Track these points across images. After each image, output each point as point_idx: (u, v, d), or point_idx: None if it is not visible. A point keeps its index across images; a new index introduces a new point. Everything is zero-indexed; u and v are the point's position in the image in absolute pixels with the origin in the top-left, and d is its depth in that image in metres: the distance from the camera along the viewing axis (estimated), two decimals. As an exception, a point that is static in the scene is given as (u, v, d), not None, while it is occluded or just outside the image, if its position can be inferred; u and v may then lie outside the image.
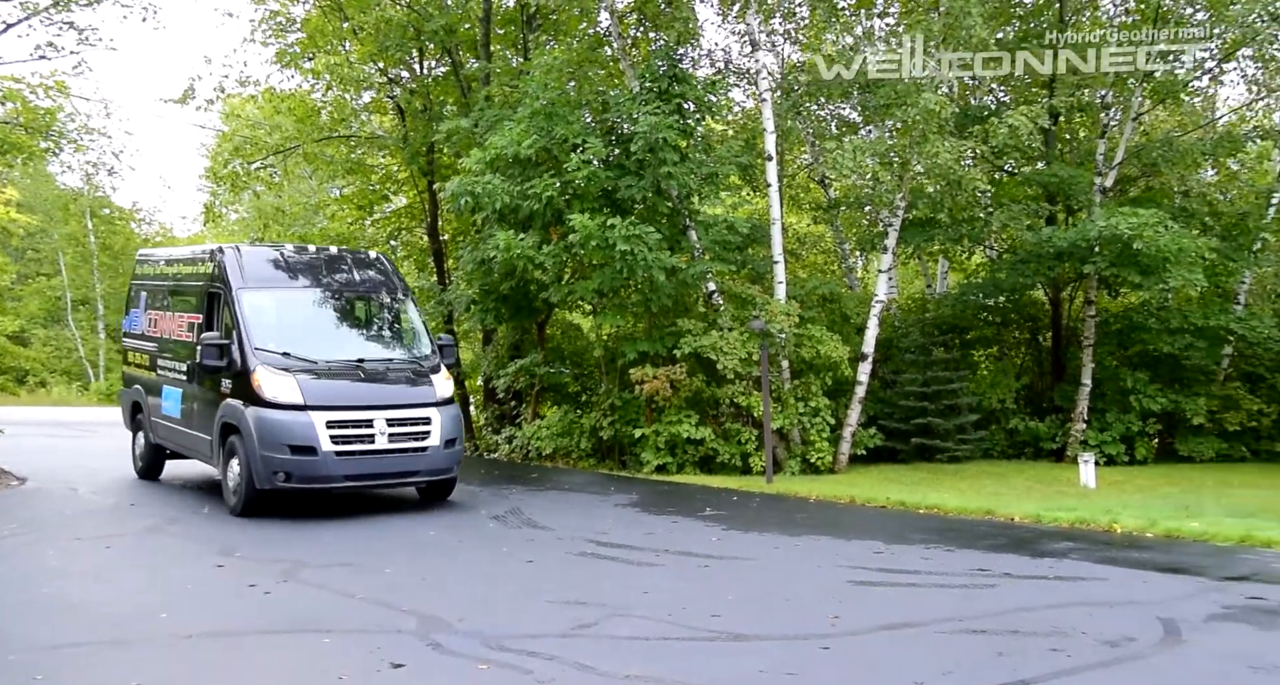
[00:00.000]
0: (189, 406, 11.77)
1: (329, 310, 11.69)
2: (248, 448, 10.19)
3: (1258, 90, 20.28)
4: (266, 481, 10.13)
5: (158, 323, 12.89)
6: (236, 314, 10.82)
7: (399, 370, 11.23)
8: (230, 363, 10.62)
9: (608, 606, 6.92)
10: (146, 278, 13.64)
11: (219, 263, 11.43)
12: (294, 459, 10.11)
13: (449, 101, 20.24)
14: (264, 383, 10.30)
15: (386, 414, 10.52)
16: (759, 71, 17.13)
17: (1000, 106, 19.45)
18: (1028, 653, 5.77)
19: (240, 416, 10.36)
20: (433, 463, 10.83)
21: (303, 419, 10.18)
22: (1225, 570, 7.87)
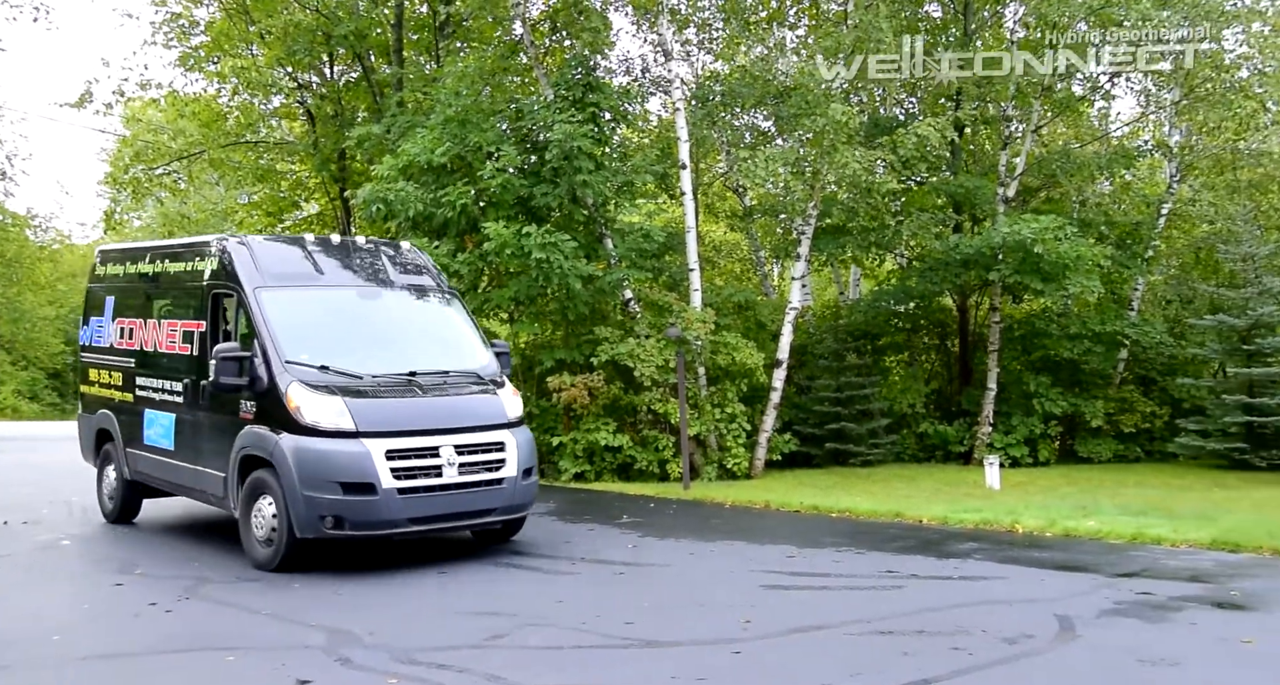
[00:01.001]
0: (186, 435, 9.53)
1: (367, 312, 9.59)
2: (284, 486, 8.13)
3: (1147, 104, 21.17)
4: (311, 528, 8.08)
5: (134, 333, 10.49)
6: (257, 319, 8.67)
7: (458, 384, 9.14)
8: (253, 380, 8.49)
9: (521, 616, 6.88)
10: (114, 279, 11.15)
11: (225, 257, 9.25)
12: (347, 500, 8.08)
13: (361, 107, 19.99)
14: (303, 404, 8.23)
15: (454, 439, 8.56)
16: (673, 81, 17.28)
17: (909, 118, 19.96)
18: (932, 652, 5.91)
19: (272, 447, 8.27)
20: (510, 498, 8.86)
21: (356, 449, 8.15)
22: (1118, 567, 8.18)
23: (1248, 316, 17.48)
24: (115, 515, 10.83)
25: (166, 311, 10.16)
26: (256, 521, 8.51)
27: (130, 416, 10.45)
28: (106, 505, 11.02)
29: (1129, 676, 5.41)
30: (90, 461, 11.44)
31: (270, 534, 8.37)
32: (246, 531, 8.63)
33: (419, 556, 8.99)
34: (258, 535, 8.52)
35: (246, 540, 8.65)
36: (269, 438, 8.36)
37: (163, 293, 10.32)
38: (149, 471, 10.21)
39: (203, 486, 9.35)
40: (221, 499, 9.04)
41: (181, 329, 9.78)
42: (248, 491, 8.59)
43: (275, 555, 8.32)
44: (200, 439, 9.35)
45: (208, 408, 9.20)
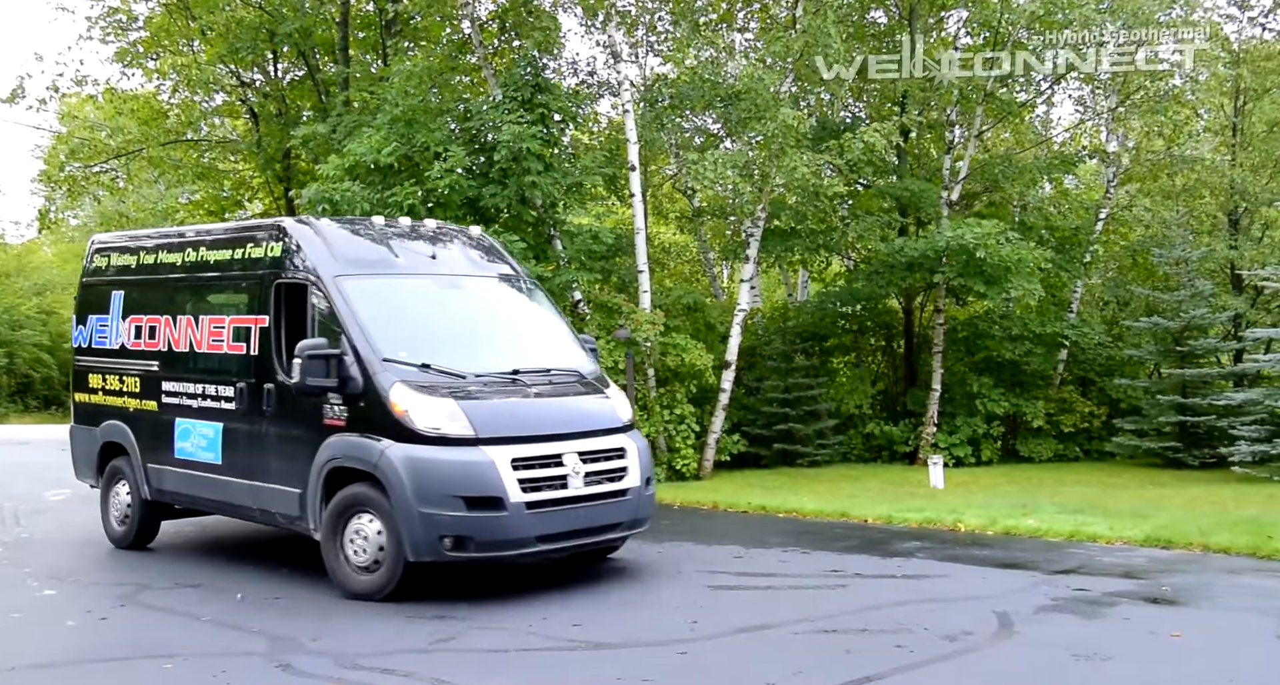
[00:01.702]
0: (240, 446, 8.36)
1: (453, 303, 8.64)
2: (395, 503, 7.13)
3: (1085, 111, 21.68)
4: (428, 551, 7.12)
5: (157, 332, 9.24)
6: (343, 312, 7.65)
7: (565, 384, 8.25)
8: (344, 381, 7.46)
9: (469, 620, 6.85)
10: (121, 272, 9.86)
11: (291, 242, 8.21)
12: (472, 517, 7.13)
13: (306, 106, 19.74)
14: (412, 408, 7.26)
15: (576, 446, 7.67)
16: (622, 83, 17.31)
17: (855, 121, 20.21)
18: (874, 650, 5.99)
19: (376, 458, 7.25)
20: (634, 511, 8.00)
21: (479, 458, 7.22)
22: (1055, 564, 8.36)
23: (1180, 319, 17.96)
24: (129, 540, 9.45)
25: (207, 306, 8.90)
26: (356, 545, 7.40)
27: (152, 427, 9.16)
28: (115, 530, 9.61)
29: (1063, 671, 5.54)
30: (89, 480, 10.06)
31: (375, 559, 7.31)
32: (336, 557, 7.50)
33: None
34: (355, 560, 7.41)
35: (336, 567, 7.51)
36: (371, 447, 7.31)
37: (201, 285, 9.01)
38: (180, 490, 8.96)
39: (265, 505, 8.17)
40: (295, 519, 7.89)
41: (231, 326, 8.55)
42: (337, 510, 7.48)
43: (381, 583, 7.29)
44: (262, 451, 8.17)
45: (275, 415, 8.05)
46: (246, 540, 9.99)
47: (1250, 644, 5.94)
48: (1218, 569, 8.11)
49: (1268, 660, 5.64)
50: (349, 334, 7.59)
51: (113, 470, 9.68)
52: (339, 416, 7.58)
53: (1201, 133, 20.68)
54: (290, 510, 7.94)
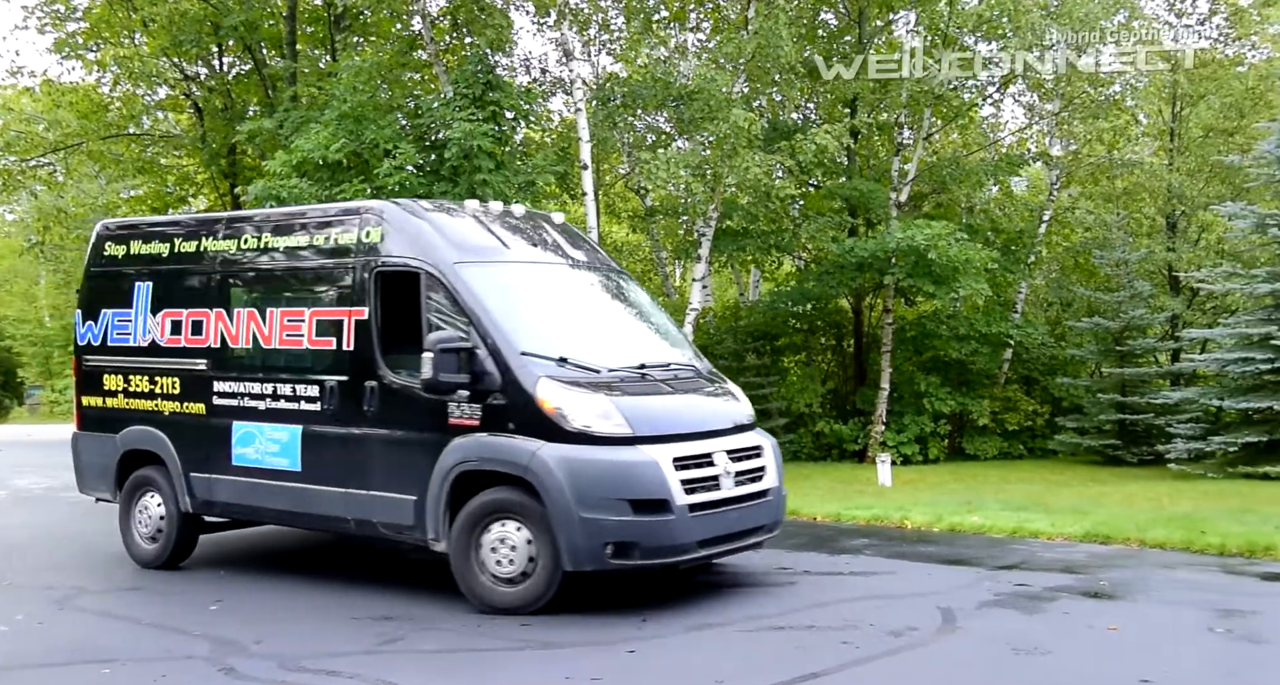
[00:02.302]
0: (331, 451, 7.62)
1: (566, 293, 8.14)
2: (552, 508, 6.60)
3: (1030, 115, 22.09)
4: (590, 559, 6.63)
5: (206, 327, 8.33)
6: (470, 302, 7.08)
7: (689, 379, 7.81)
8: (478, 377, 6.91)
9: (417, 620, 6.81)
10: (151, 261, 8.86)
11: (392, 226, 7.55)
12: (639, 521, 6.64)
13: (252, 101, 19.44)
14: (565, 405, 6.76)
15: (723, 444, 7.27)
16: (574, 81, 17.28)
17: (807, 123, 20.39)
18: (821, 646, 6.06)
19: (526, 460, 6.70)
20: (774, 513, 7.65)
21: (643, 458, 6.76)
22: (998, 560, 8.51)
23: (1120, 319, 18.38)
24: (164, 558, 8.52)
25: (278, 298, 8.13)
26: (499, 555, 6.86)
27: (198, 432, 8.34)
28: (143, 548, 8.63)
29: (1003, 665, 5.64)
30: (104, 494, 9.05)
31: (523, 570, 6.81)
32: (471, 569, 6.91)
33: (311, 562, 8.80)
34: (498, 572, 6.86)
35: (472, 581, 6.92)
36: (519, 448, 6.77)
37: (269, 275, 8.29)
38: (238, 501, 8.20)
39: (364, 514, 7.45)
40: (405, 529, 7.26)
41: (313, 319, 7.81)
42: (473, 517, 6.89)
43: (532, 596, 6.76)
44: (360, 455, 7.48)
45: (379, 415, 7.38)
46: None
47: (1183, 636, 6.09)
48: (1153, 563, 8.31)
49: (1199, 652, 5.79)
50: (481, 326, 7.01)
51: (138, 482, 8.71)
52: (470, 415, 6.97)
53: (1140, 137, 21.18)
54: (400, 519, 7.25)
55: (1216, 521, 9.74)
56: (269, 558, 9.00)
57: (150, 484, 8.65)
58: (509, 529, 6.85)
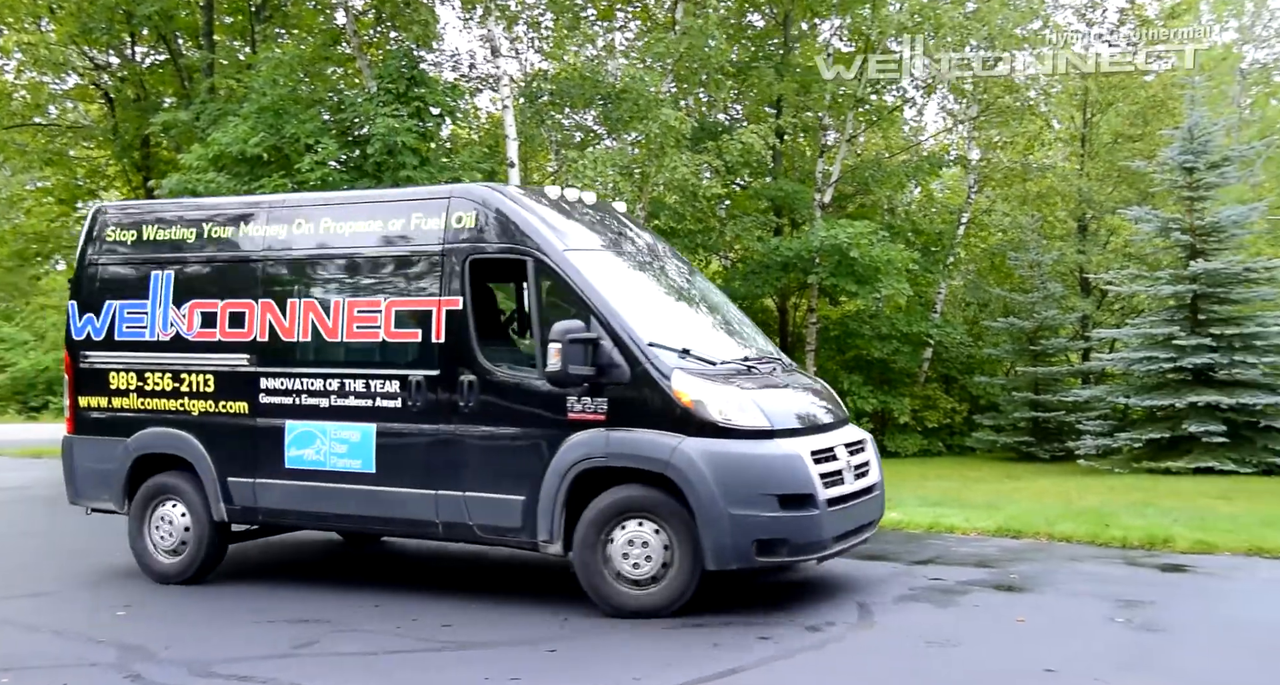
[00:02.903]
0: (411, 450, 7.20)
1: (663, 283, 7.84)
2: (699, 504, 6.34)
3: (952, 121, 22.62)
4: (736, 557, 6.39)
5: (249, 319, 7.70)
6: (588, 291, 6.77)
7: (787, 371, 7.69)
8: (603, 369, 6.60)
9: (334, 623, 6.70)
10: (174, 247, 8.13)
11: (488, 211, 7.17)
12: (787, 517, 6.40)
13: (167, 92, 18.92)
14: (705, 397, 6.51)
15: (839, 438, 7.13)
16: (501, 78, 17.18)
17: (733, 124, 20.59)
18: (741, 643, 6.12)
19: (668, 455, 6.41)
20: (880, 509, 7.53)
21: (788, 452, 6.54)
22: (915, 555, 8.69)
23: (1034, 319, 18.95)
24: (192, 571, 7.81)
25: (346, 287, 7.58)
26: (633, 557, 6.55)
27: (240, 434, 7.71)
28: (161, 563, 7.89)
29: (916, 657, 5.78)
30: (105, 505, 8.22)
31: (656, 571, 6.53)
32: (598, 571, 6.60)
33: (227, 565, 8.58)
34: (630, 574, 6.56)
35: (601, 584, 6.62)
36: (658, 443, 6.46)
37: (332, 261, 7.68)
38: (293, 506, 7.60)
39: (458, 517, 7.02)
40: (511, 532, 6.90)
41: (392, 309, 7.31)
42: (602, 517, 6.58)
43: (669, 598, 6.50)
44: (454, 454, 7.05)
45: (478, 411, 6.96)
46: (92, 545, 9.51)
47: (1086, 626, 6.30)
48: (1061, 556, 8.57)
49: (1100, 641, 6.00)
50: (603, 317, 6.67)
51: (155, 490, 7.96)
52: (593, 410, 6.63)
53: (1054, 142, 21.85)
54: (505, 521, 6.88)
55: (1120, 515, 10.09)
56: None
57: (171, 492, 7.92)
58: (642, 529, 6.55)
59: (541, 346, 6.78)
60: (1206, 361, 15.31)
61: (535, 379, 6.82)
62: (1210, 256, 16.07)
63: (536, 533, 6.76)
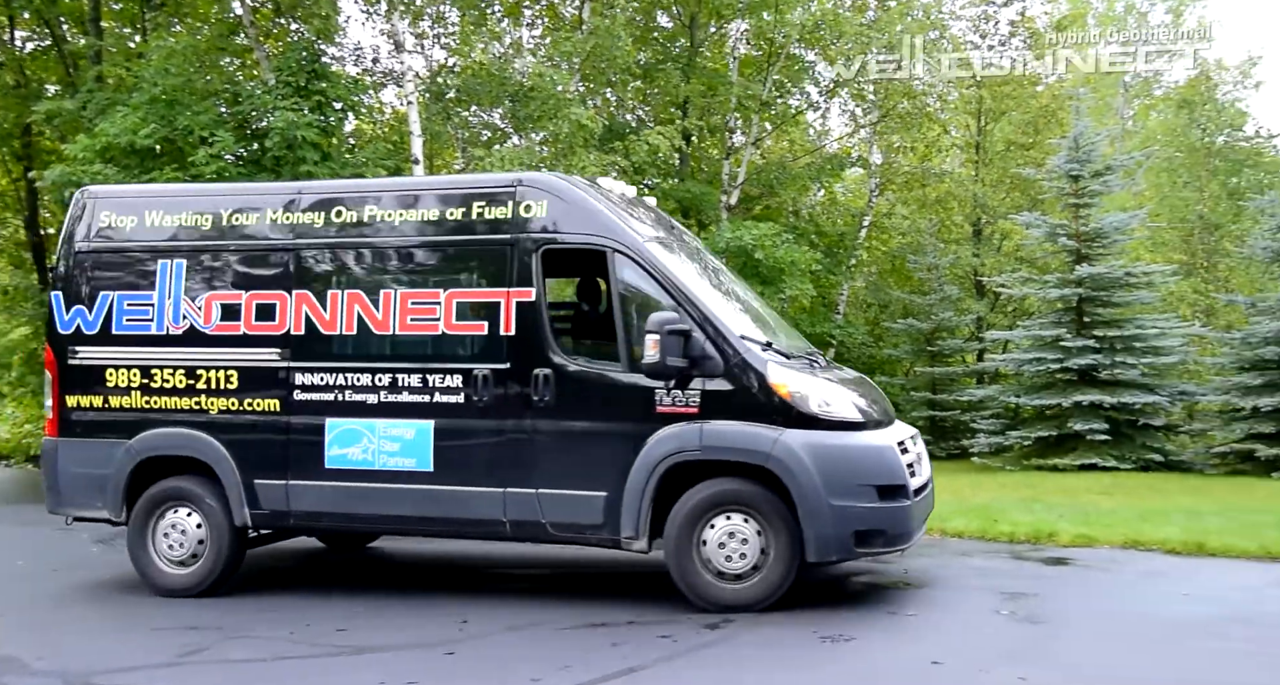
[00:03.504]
0: (476, 448, 6.97)
1: (716, 278, 7.73)
2: (802, 496, 6.34)
3: (853, 124, 23.14)
4: (836, 549, 6.43)
5: (280, 311, 7.30)
6: (677, 283, 6.71)
7: (831, 365, 7.81)
8: (696, 361, 6.51)
9: (225, 629, 6.52)
10: (178, 236, 7.66)
11: (561, 201, 7.00)
12: (885, 507, 6.43)
13: (50, 79, 18.11)
14: (804, 389, 6.53)
15: (905, 431, 7.28)
16: (405, 74, 16.91)
17: (641, 125, 20.68)
18: (641, 642, 6.15)
19: (770, 447, 6.40)
20: (933, 504, 7.52)
21: (883, 443, 6.66)
22: (813, 551, 8.85)
23: (932, 320, 19.51)
24: (208, 583, 7.32)
25: (399, 278, 7.29)
26: (728, 549, 6.52)
27: (270, 432, 7.29)
28: (172, 576, 7.36)
29: (809, 650, 5.89)
30: (96, 513, 7.61)
31: (754, 564, 6.50)
32: (692, 566, 6.56)
33: (112, 573, 8.27)
34: (727, 568, 6.53)
35: (694, 579, 6.58)
36: (759, 436, 6.42)
37: (382, 251, 7.35)
38: (332, 508, 7.22)
39: (527, 515, 6.82)
40: (590, 529, 6.75)
41: (454, 301, 7.04)
42: (697, 511, 6.53)
43: (767, 590, 6.48)
44: (526, 450, 6.86)
45: (555, 405, 6.78)
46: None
47: (972, 619, 6.51)
48: (952, 552, 8.84)
49: (986, 633, 6.20)
50: (694, 308, 6.60)
51: (161, 496, 7.42)
52: (684, 403, 6.54)
53: (951, 148, 22.53)
54: (582, 518, 6.73)
55: (1009, 511, 10.45)
56: (67, 567, 8.41)
57: (182, 497, 7.41)
58: (737, 523, 6.52)
59: (625, 339, 6.74)
60: (1090, 362, 15.97)
61: (618, 372, 6.76)
62: (1094, 261, 16.77)
63: (620, 529, 6.65)
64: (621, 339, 6.79)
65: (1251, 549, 8.35)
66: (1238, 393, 15.99)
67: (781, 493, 6.43)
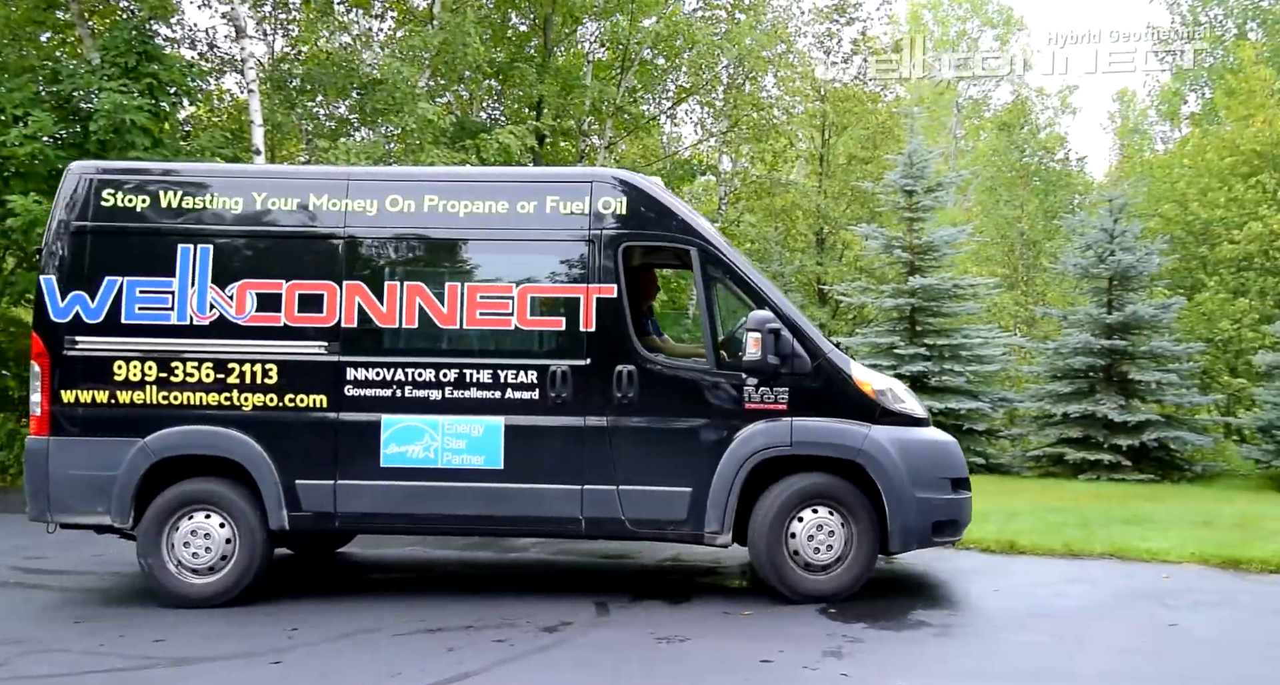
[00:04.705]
0: (551, 445, 6.93)
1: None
2: (891, 489, 6.75)
3: (703, 132, 23.61)
4: (918, 538, 6.90)
5: (329, 302, 7.00)
6: (757, 284, 7.06)
7: None
8: (787, 358, 6.80)
9: (26, 643, 6.11)
10: (202, 218, 7.18)
11: (640, 198, 7.09)
12: (957, 498, 7.01)
13: None
14: (888, 387, 7.12)
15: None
16: (246, 60, 16.24)
17: (494, 123, 20.49)
18: (475, 647, 6.10)
19: (860, 442, 6.79)
20: None
21: (948, 438, 7.31)
22: (656, 554, 8.97)
23: (776, 326, 20.06)
24: (239, 591, 6.99)
25: (468, 271, 7.15)
26: (816, 541, 6.88)
27: (316, 431, 6.97)
28: (192, 586, 6.95)
29: (645, 652, 5.97)
30: (98, 519, 6.99)
31: (839, 555, 6.89)
32: (783, 559, 6.88)
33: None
34: (816, 560, 6.89)
35: (785, 571, 6.89)
36: (850, 431, 6.82)
37: (448, 244, 7.19)
38: (390, 509, 7.01)
39: (605, 513, 6.87)
40: (673, 525, 6.88)
41: (529, 295, 6.99)
42: (787, 506, 6.84)
43: (851, 580, 6.89)
44: (607, 447, 6.88)
45: (636, 403, 6.85)
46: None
47: (804, 617, 6.73)
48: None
49: (817, 630, 6.41)
50: (778, 307, 6.92)
51: (180, 499, 6.96)
52: (773, 399, 6.82)
53: (796, 159, 23.28)
54: (665, 514, 6.85)
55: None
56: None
57: (205, 500, 6.99)
58: (824, 516, 6.87)
59: (711, 334, 7.01)
60: (922, 369, 16.77)
61: (706, 368, 6.99)
62: (926, 273, 17.64)
63: (704, 524, 6.83)
64: (707, 335, 7.05)
65: (1056, 547, 8.98)
66: (1050, 400, 17.13)
67: (866, 485, 6.84)
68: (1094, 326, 16.88)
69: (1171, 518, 10.81)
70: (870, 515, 6.85)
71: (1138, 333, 16.91)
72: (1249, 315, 19.49)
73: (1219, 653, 6.03)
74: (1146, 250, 17.36)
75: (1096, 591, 7.59)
